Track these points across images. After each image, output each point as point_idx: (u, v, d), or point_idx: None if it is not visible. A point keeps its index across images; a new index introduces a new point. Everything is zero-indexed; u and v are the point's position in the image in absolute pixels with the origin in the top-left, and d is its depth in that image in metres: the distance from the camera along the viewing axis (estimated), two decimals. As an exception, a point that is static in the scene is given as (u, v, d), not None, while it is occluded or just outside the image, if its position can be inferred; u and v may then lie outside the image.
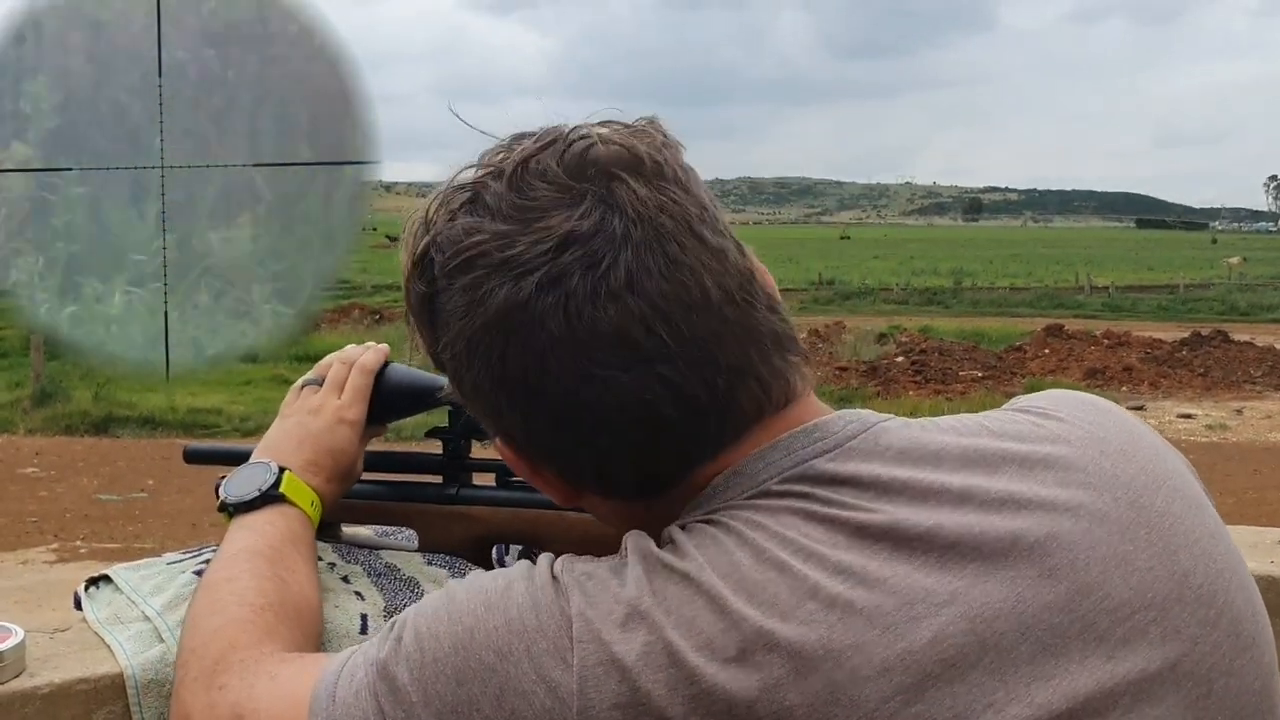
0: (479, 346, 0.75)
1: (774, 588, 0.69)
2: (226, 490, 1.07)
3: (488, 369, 0.75)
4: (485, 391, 0.77)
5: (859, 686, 0.66)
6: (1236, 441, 12.42)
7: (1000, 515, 0.73)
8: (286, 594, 0.96)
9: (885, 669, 0.67)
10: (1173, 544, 0.76)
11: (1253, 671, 0.75)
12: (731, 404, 0.75)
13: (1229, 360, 17.55)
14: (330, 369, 1.17)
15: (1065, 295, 31.34)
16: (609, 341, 0.72)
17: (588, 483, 0.80)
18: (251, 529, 1.03)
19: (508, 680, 0.70)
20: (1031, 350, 18.65)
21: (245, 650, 0.88)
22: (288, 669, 0.85)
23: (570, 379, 0.73)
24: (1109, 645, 0.71)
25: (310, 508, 1.07)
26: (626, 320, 0.71)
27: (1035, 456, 0.77)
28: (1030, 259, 59.20)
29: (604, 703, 0.68)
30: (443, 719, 0.72)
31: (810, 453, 0.76)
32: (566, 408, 0.74)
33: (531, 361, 0.73)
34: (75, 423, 12.56)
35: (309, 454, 1.10)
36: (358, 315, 23.02)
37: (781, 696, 0.66)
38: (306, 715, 0.78)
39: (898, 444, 0.77)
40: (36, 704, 0.97)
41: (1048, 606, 0.71)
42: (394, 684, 0.74)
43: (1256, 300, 31.33)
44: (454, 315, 0.76)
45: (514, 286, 0.73)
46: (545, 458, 0.79)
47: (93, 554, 7.42)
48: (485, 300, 0.74)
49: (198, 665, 0.88)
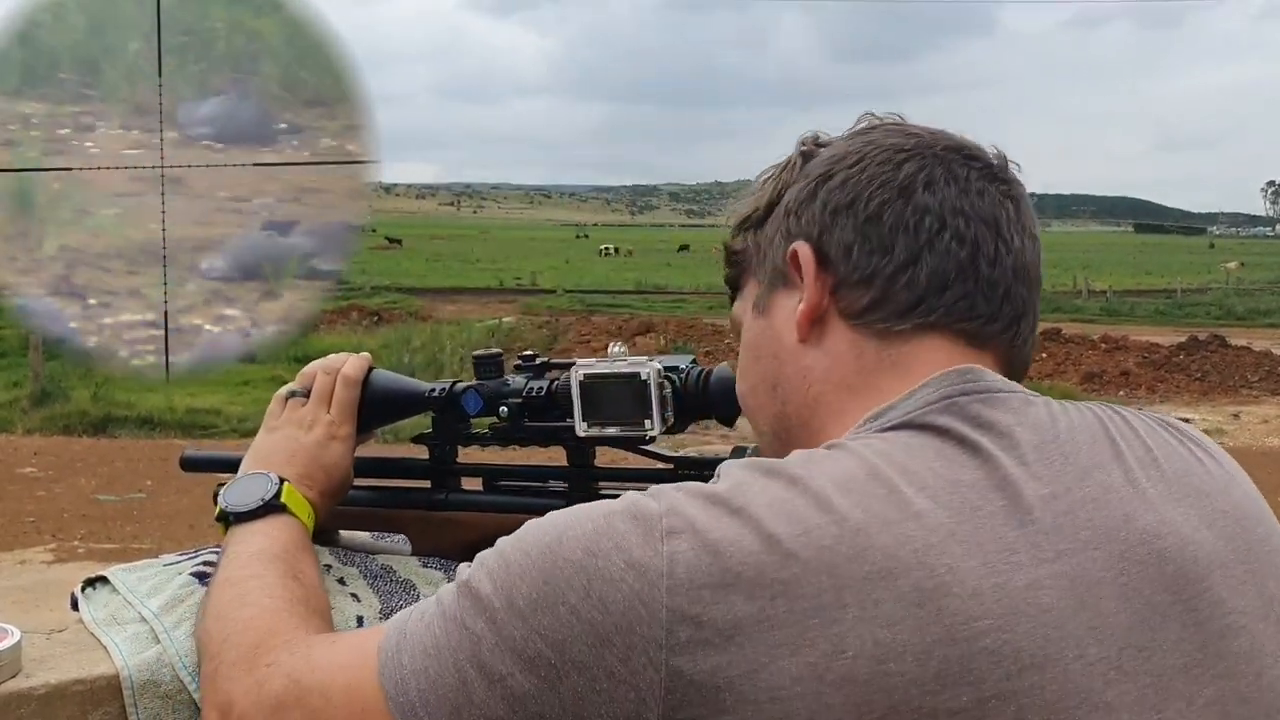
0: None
1: (881, 504, 0.72)
2: (226, 499, 1.07)
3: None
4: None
5: (948, 599, 0.69)
6: (1233, 446, 12.41)
7: (1120, 499, 0.77)
8: (309, 592, 0.97)
9: (976, 593, 0.69)
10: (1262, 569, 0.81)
11: None
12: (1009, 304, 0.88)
13: (1226, 365, 17.55)
14: (315, 379, 1.18)
15: (1063, 299, 31.32)
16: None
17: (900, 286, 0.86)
18: (261, 534, 1.04)
19: (596, 571, 0.71)
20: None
21: (289, 633, 0.88)
22: (350, 634, 0.86)
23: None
24: (1204, 633, 0.75)
25: (307, 519, 1.08)
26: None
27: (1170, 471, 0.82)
28: (1029, 263, 59.05)
29: (694, 581, 0.69)
30: (527, 618, 0.72)
31: (957, 390, 0.81)
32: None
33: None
34: (74, 423, 12.54)
35: (301, 468, 1.11)
36: (356, 317, 23.02)
37: (871, 593, 0.68)
38: (375, 657, 0.79)
39: (1040, 415, 0.81)
40: (32, 705, 0.97)
41: (1151, 582, 0.74)
42: (476, 596, 0.75)
43: (1254, 305, 31.34)
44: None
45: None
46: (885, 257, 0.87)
47: (90, 554, 7.41)
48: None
49: (234, 652, 0.88)
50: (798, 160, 0.93)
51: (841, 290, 0.87)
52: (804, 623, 0.68)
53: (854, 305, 0.87)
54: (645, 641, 0.69)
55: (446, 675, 0.74)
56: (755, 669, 0.67)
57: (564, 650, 0.71)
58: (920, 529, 0.71)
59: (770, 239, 0.92)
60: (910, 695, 0.67)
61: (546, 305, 29.08)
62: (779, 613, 0.68)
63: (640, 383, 1.06)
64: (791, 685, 0.67)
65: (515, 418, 1.13)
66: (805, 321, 0.88)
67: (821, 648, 0.67)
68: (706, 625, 0.68)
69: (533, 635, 0.72)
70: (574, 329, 21.36)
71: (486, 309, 27.89)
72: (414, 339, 18.71)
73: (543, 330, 21.46)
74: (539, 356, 1.16)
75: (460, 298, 31.47)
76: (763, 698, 0.67)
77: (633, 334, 19.10)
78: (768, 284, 0.93)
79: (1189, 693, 0.73)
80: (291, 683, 0.82)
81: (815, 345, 0.88)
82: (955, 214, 0.86)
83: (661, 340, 17.95)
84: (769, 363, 0.92)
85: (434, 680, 0.75)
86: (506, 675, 0.72)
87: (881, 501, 0.72)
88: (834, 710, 0.67)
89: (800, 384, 0.89)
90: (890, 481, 0.73)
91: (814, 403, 0.88)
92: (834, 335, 0.88)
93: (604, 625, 0.70)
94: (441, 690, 0.74)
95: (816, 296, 0.88)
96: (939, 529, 0.71)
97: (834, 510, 0.71)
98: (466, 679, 0.73)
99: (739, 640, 0.68)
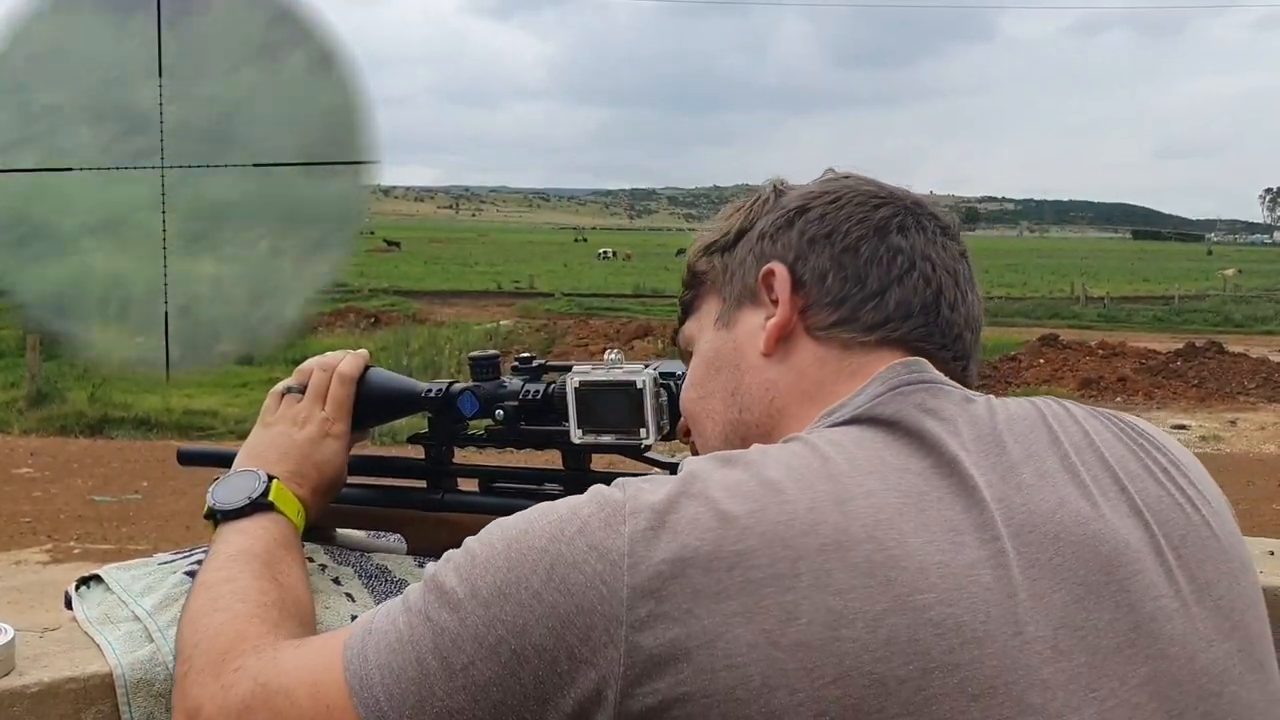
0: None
1: (833, 485, 0.76)
2: (214, 497, 1.07)
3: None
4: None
5: (897, 572, 0.72)
6: (1230, 453, 12.42)
7: (1055, 485, 0.81)
8: (285, 594, 0.97)
9: (922, 569, 0.72)
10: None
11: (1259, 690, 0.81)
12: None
13: (1223, 371, 17.55)
14: (311, 376, 1.18)
15: (1061, 305, 31.34)
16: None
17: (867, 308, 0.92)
18: (244, 533, 1.04)
19: (559, 556, 0.74)
20: (1027, 360, 18.65)
21: (257, 639, 0.89)
22: (313, 640, 0.86)
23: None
24: (1137, 615, 0.78)
25: (296, 517, 1.08)
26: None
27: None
28: (1026, 269, 59.26)
29: (654, 558, 0.72)
30: (489, 605, 0.74)
31: (903, 380, 0.86)
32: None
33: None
34: (70, 423, 12.52)
35: (293, 465, 1.11)
36: (354, 319, 23.00)
37: (824, 563, 0.71)
38: (340, 655, 0.80)
39: (980, 409, 0.86)
40: (25, 703, 0.97)
41: (1085, 564, 0.78)
42: (441, 589, 0.77)
43: (1251, 312, 31.35)
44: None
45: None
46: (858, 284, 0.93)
47: (86, 555, 7.40)
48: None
49: (203, 658, 0.89)
50: (770, 195, 1.00)
51: (811, 310, 0.93)
52: (759, 591, 0.71)
53: (822, 321, 0.93)
54: (606, 620, 0.71)
55: (409, 669, 0.76)
56: (712, 639, 0.70)
57: (525, 634, 0.73)
58: (870, 507, 0.75)
59: (741, 260, 0.98)
60: (861, 661, 0.69)
61: (544, 309, 29.09)
62: (735, 583, 0.71)
63: (636, 391, 1.06)
64: (747, 652, 0.69)
65: (511, 421, 1.13)
66: (775, 336, 0.94)
67: (776, 615, 0.70)
68: (666, 599, 0.71)
69: (495, 622, 0.74)
70: (572, 332, 21.37)
71: (484, 312, 27.88)
72: (412, 342, 18.69)
73: (540, 334, 21.46)
74: (536, 359, 1.17)
75: (458, 301, 31.47)
76: (719, 665, 0.69)
77: (630, 337, 19.11)
78: (734, 300, 0.99)
79: (1122, 673, 0.75)
80: (258, 686, 0.84)
81: (780, 360, 0.94)
82: (924, 259, 0.93)
83: (659, 344, 17.94)
84: (730, 373, 0.97)
85: (397, 674, 0.76)
86: (468, 664, 0.74)
87: (833, 483, 0.76)
88: (787, 675, 0.69)
89: (763, 395, 0.94)
90: (841, 466, 0.78)
91: (777, 414, 0.93)
92: (799, 350, 0.93)
93: (565, 607, 0.73)
94: (405, 684, 0.76)
95: (787, 314, 0.93)
96: (887, 508, 0.75)
97: (787, 491, 0.75)
98: (428, 671, 0.75)
99: (697, 612, 0.70)
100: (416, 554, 1.20)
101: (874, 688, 0.69)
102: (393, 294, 30.11)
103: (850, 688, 0.69)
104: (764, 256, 0.96)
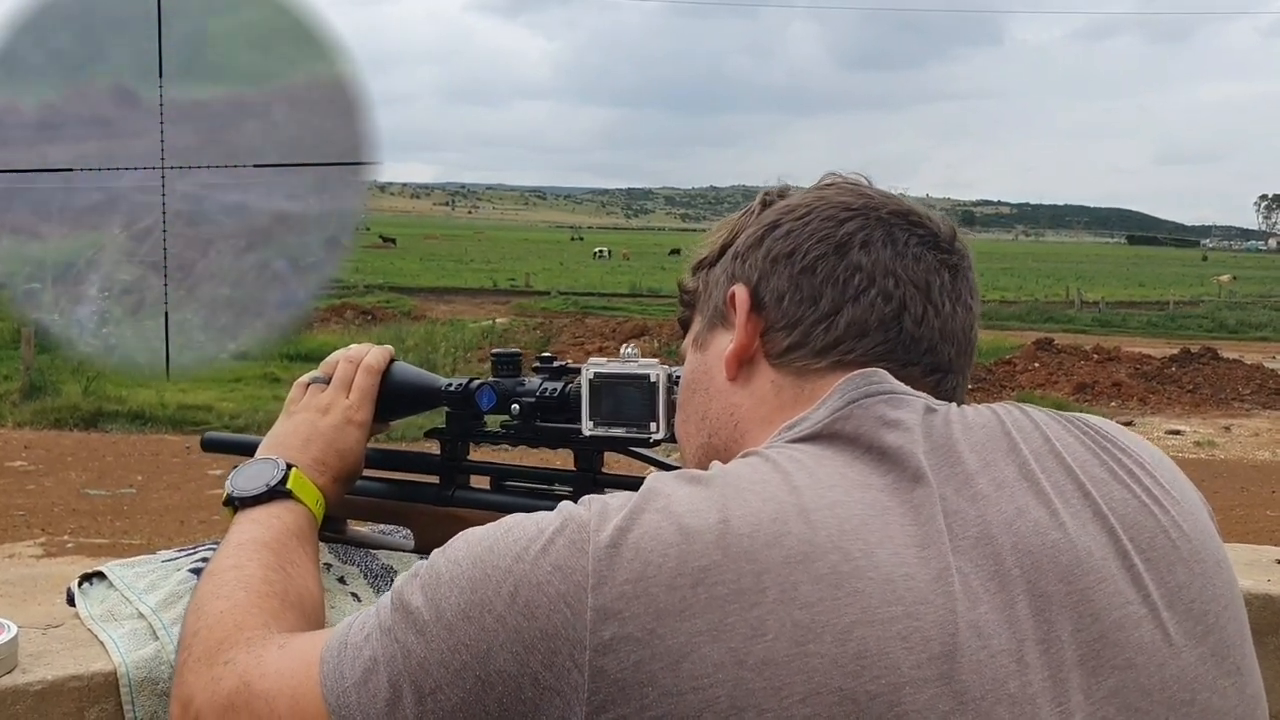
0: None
1: (796, 497, 0.74)
2: (233, 484, 1.08)
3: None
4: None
5: (864, 582, 0.70)
6: (1224, 459, 12.44)
7: (1013, 494, 0.79)
8: (290, 584, 0.97)
9: (889, 579, 0.71)
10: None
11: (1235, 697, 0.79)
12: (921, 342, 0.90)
13: (1218, 377, 17.58)
14: (336, 367, 1.18)
15: (1056, 310, 31.33)
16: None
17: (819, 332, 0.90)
18: (257, 522, 1.03)
19: (523, 576, 0.73)
20: (1021, 364, 18.67)
21: (252, 630, 0.89)
22: (297, 640, 0.86)
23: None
24: (1102, 624, 0.76)
25: (315, 505, 1.08)
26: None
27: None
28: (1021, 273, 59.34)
29: (617, 578, 0.71)
30: (454, 629, 0.73)
31: (862, 392, 0.84)
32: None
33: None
34: (64, 417, 12.48)
35: (316, 452, 1.11)
36: (350, 315, 22.98)
37: (789, 575, 0.70)
38: (318, 667, 0.79)
39: (937, 419, 0.84)
40: (29, 701, 0.96)
41: (1044, 574, 0.76)
42: (408, 609, 0.76)
43: (1245, 318, 31.41)
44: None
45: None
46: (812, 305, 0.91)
47: (80, 549, 7.38)
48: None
49: (201, 646, 0.89)
50: (756, 207, 0.98)
51: (769, 334, 0.92)
52: (724, 608, 0.69)
53: (777, 347, 0.91)
54: (570, 645, 0.70)
55: (382, 690, 0.75)
56: (678, 659, 0.68)
57: (489, 660, 0.72)
58: (834, 518, 0.73)
59: (717, 279, 0.97)
60: (830, 677, 0.68)
61: (540, 307, 29.06)
62: (699, 600, 0.69)
63: (649, 385, 1.07)
64: (713, 673, 0.68)
65: (527, 417, 1.14)
66: (733, 361, 0.93)
67: (741, 631, 0.68)
68: (629, 620, 0.69)
69: (459, 647, 0.73)
70: (568, 331, 21.35)
71: (480, 310, 27.86)
72: (407, 339, 18.66)
73: (536, 332, 21.44)
74: (557, 360, 1.17)
75: (454, 298, 31.44)
76: (685, 688, 0.68)
77: (626, 337, 19.08)
78: (707, 322, 0.98)
79: (1087, 685, 0.73)
80: (242, 685, 0.83)
81: (743, 385, 0.93)
82: (886, 274, 0.90)
83: (655, 343, 17.94)
84: (701, 397, 0.97)
85: (372, 694, 0.76)
86: (436, 689, 0.73)
87: (796, 494, 0.75)
88: (754, 695, 0.67)
89: (727, 420, 0.94)
90: (803, 479, 0.76)
91: (740, 438, 0.92)
92: (759, 376, 0.92)
93: (528, 632, 0.71)
94: (379, 704, 0.75)
95: (746, 339, 0.92)
96: (852, 518, 0.74)
97: (749, 504, 0.74)
98: (400, 693, 0.74)
99: (660, 632, 0.69)
100: (424, 550, 1.19)
101: (844, 704, 0.67)
102: (388, 290, 30.06)
103: (820, 705, 0.67)
104: (734, 277, 0.95)
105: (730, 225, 1.00)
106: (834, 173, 1.00)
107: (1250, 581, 1.39)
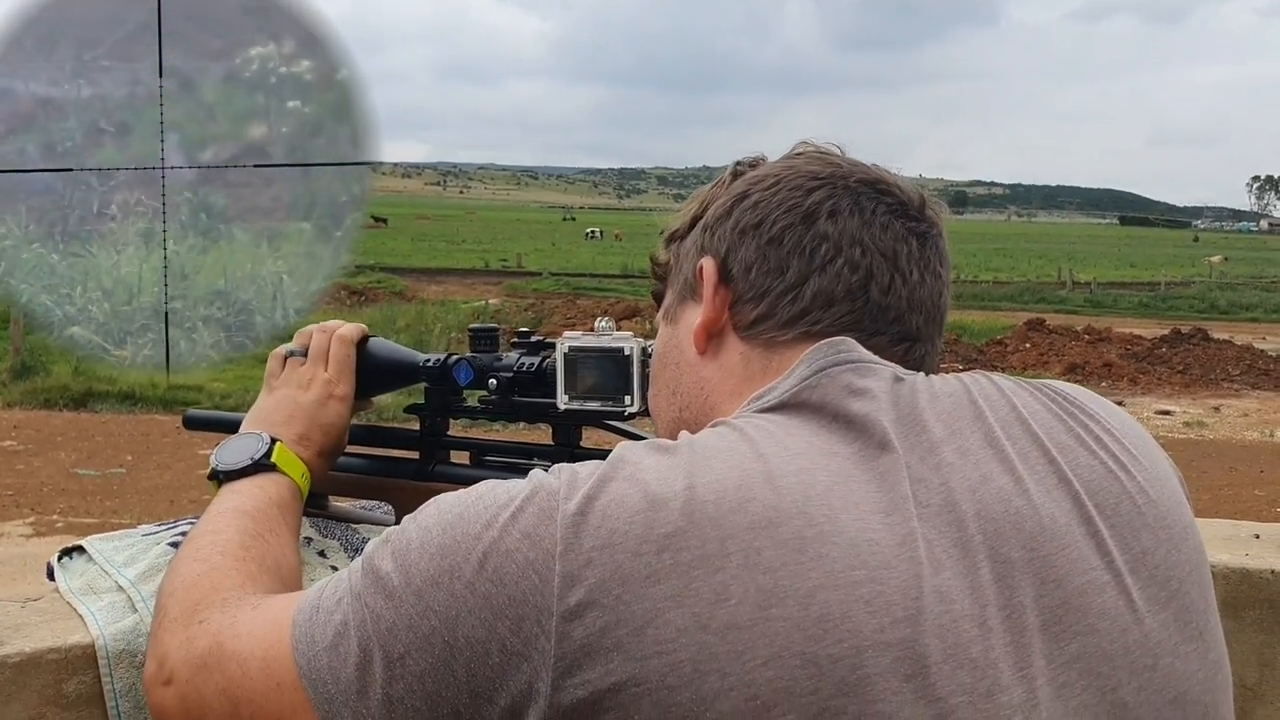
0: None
1: (762, 464, 0.75)
2: (218, 458, 1.08)
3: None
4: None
5: (828, 547, 0.71)
6: (1213, 439, 12.50)
7: (978, 461, 0.79)
8: (268, 550, 0.97)
9: (853, 544, 0.71)
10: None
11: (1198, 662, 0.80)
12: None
13: (1208, 358, 17.65)
14: (311, 339, 1.18)
15: (1047, 290, 31.42)
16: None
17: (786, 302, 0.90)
18: (239, 492, 1.04)
19: (492, 544, 0.73)
20: (1013, 344, 18.71)
21: (227, 592, 0.89)
22: (271, 601, 0.86)
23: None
24: (1064, 590, 0.77)
25: (300, 478, 1.09)
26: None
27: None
28: (1013, 253, 59.41)
29: (584, 545, 0.71)
30: (422, 594, 0.74)
31: (830, 361, 0.84)
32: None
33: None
34: (54, 397, 12.47)
35: (300, 427, 1.12)
36: (342, 295, 22.94)
37: (753, 541, 0.70)
38: (289, 630, 0.79)
39: (904, 388, 0.83)
40: (7, 672, 0.96)
41: (1007, 540, 0.76)
42: (378, 574, 0.76)
43: (1236, 299, 31.51)
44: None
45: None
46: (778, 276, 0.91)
47: (69, 528, 7.38)
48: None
49: (177, 607, 0.89)
50: (727, 178, 0.98)
51: (737, 306, 0.92)
52: (689, 573, 0.69)
53: (745, 319, 0.91)
54: (537, 611, 0.70)
55: (352, 655, 0.75)
56: (643, 625, 0.69)
57: (456, 626, 0.72)
58: (800, 484, 0.74)
59: (688, 252, 0.97)
60: (792, 640, 0.68)
61: (532, 288, 29.04)
62: (665, 565, 0.70)
63: (624, 358, 1.07)
64: (677, 637, 0.68)
65: (504, 392, 1.14)
66: (702, 334, 0.93)
67: (705, 596, 0.69)
68: (596, 587, 0.70)
69: (428, 612, 0.73)
70: (559, 312, 21.34)
71: (472, 290, 27.83)
72: (399, 319, 18.64)
73: (528, 313, 21.43)
74: (534, 335, 1.18)
75: (445, 278, 31.39)
76: (649, 652, 0.68)
77: (619, 317, 19.06)
78: (678, 295, 0.98)
79: (1049, 650, 0.74)
80: (215, 645, 0.84)
81: (712, 358, 0.93)
82: (853, 244, 0.90)
83: (647, 324, 17.93)
84: (672, 370, 0.97)
85: (343, 658, 0.76)
86: (405, 654, 0.73)
87: (762, 461, 0.75)
88: (717, 659, 0.68)
89: (698, 394, 0.94)
90: (769, 447, 0.76)
91: (711, 411, 0.91)
92: (729, 349, 0.92)
93: (497, 598, 0.71)
94: (349, 669, 0.75)
95: (714, 311, 0.92)
96: (817, 484, 0.74)
97: (715, 471, 0.74)
98: (370, 658, 0.75)
99: (626, 598, 0.69)
100: (403, 526, 1.20)
101: (806, 668, 0.68)
102: (379, 271, 29.98)
103: (782, 669, 0.67)
104: (703, 249, 0.94)
105: (701, 197, 0.99)
106: (806, 141, 0.99)
107: (1228, 555, 1.40)
